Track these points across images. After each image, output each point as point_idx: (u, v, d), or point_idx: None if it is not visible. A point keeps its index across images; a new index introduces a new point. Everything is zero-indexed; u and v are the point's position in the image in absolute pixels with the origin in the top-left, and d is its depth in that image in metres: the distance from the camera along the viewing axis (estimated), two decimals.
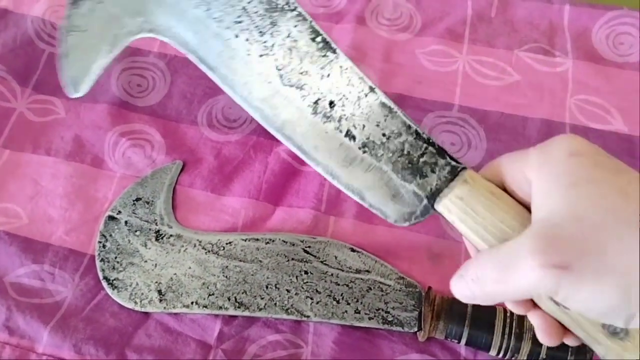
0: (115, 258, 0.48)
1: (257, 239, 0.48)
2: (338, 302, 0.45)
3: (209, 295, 0.46)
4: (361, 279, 0.46)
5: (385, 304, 0.45)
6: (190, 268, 0.47)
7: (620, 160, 0.55)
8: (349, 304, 0.45)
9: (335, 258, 0.47)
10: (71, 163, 0.54)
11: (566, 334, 0.30)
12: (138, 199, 0.51)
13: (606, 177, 0.26)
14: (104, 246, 0.49)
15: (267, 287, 0.46)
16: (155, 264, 0.47)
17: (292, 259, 0.47)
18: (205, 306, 0.45)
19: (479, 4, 0.63)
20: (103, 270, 0.48)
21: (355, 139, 0.34)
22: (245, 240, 0.48)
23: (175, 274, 0.47)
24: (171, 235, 0.49)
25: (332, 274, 0.47)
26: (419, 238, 0.49)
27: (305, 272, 0.47)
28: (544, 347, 0.42)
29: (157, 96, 0.58)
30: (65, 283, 0.48)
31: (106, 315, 0.46)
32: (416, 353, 0.45)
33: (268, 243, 0.48)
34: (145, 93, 0.58)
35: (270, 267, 0.47)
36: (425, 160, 0.33)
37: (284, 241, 0.48)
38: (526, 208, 0.30)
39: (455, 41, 0.61)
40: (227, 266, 0.47)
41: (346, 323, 0.45)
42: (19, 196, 0.52)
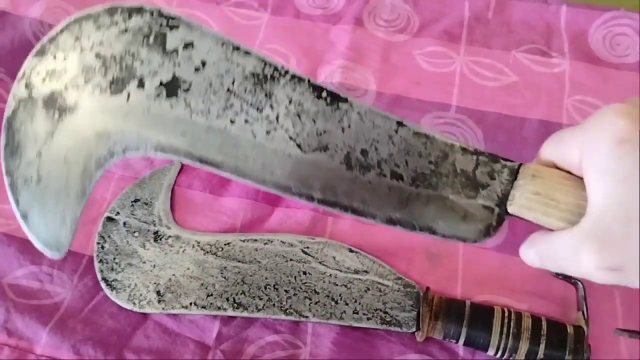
0: (114, 259, 0.48)
1: (256, 240, 0.48)
2: (336, 303, 0.45)
3: (208, 296, 0.46)
4: (359, 280, 0.46)
5: (384, 304, 0.45)
6: (188, 269, 0.47)
7: None
8: (347, 304, 0.45)
9: (334, 259, 0.47)
10: None
11: None
12: (136, 200, 0.51)
13: None
14: (103, 247, 0.49)
15: (266, 288, 0.46)
16: (154, 265, 0.48)
17: (291, 260, 0.47)
18: (204, 307, 0.46)
19: (476, 6, 0.64)
20: (101, 271, 0.48)
21: (403, 178, 0.32)
22: (244, 241, 0.48)
23: (173, 274, 0.47)
24: (169, 236, 0.49)
25: (331, 275, 0.47)
26: (417, 239, 0.49)
27: (304, 273, 0.47)
28: (542, 347, 0.42)
29: None
30: (64, 284, 0.48)
31: (105, 316, 0.46)
32: (414, 353, 0.45)
33: (266, 244, 0.48)
34: None
35: (269, 268, 0.47)
36: (481, 171, 0.32)
37: (283, 242, 0.48)
38: None
39: (452, 42, 0.61)
40: (226, 267, 0.47)
41: (344, 323, 0.45)
42: None
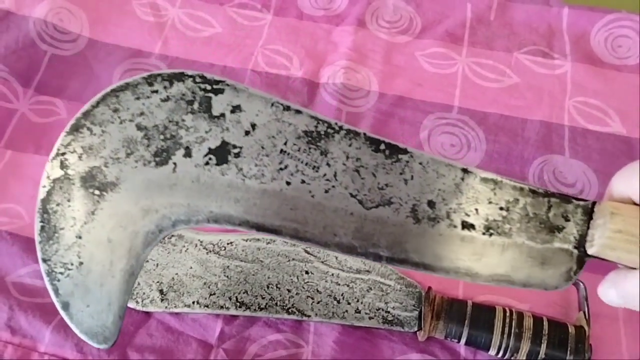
0: None
1: (258, 239, 0.48)
2: (339, 302, 0.46)
3: (210, 295, 0.46)
4: (361, 279, 0.47)
5: (386, 303, 0.46)
6: (191, 268, 0.47)
7: (619, 162, 0.56)
8: (349, 303, 0.46)
9: (336, 258, 0.48)
10: None
11: None
12: None
13: None
14: None
15: (268, 287, 0.46)
16: (157, 264, 0.48)
17: (293, 259, 0.48)
18: (207, 306, 0.46)
19: (478, 7, 0.64)
20: None
21: (474, 227, 0.31)
22: (247, 241, 0.48)
23: (176, 273, 0.47)
24: (172, 236, 0.49)
25: (333, 274, 0.47)
26: None
27: (306, 272, 0.47)
28: (543, 347, 0.42)
29: None
30: None
31: None
32: (416, 352, 0.45)
33: (269, 243, 0.48)
34: None
35: (271, 267, 0.47)
36: (554, 213, 0.31)
37: (285, 241, 0.48)
38: None
39: (454, 43, 0.62)
40: (229, 266, 0.47)
41: (347, 323, 0.45)
42: (21, 197, 0.52)
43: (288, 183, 0.31)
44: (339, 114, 0.57)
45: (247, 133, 0.31)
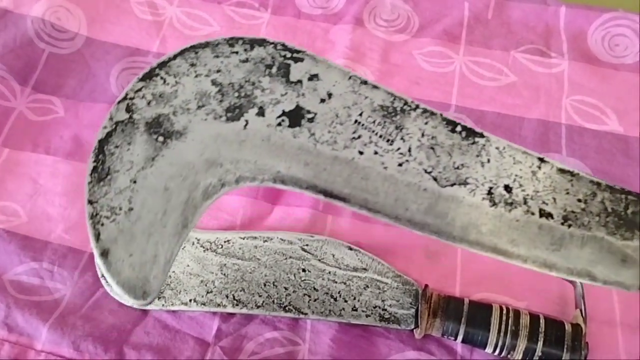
0: None
1: (255, 237, 0.48)
2: (335, 300, 0.46)
3: (207, 292, 0.46)
4: (358, 277, 0.47)
5: (383, 301, 0.46)
6: (188, 266, 0.47)
7: (616, 161, 0.56)
8: (346, 301, 0.46)
9: (333, 256, 0.48)
10: (70, 162, 0.54)
11: None
12: None
13: None
14: None
15: (265, 285, 0.46)
16: None
17: (290, 257, 0.48)
18: (204, 304, 0.46)
19: (475, 6, 0.64)
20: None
21: (552, 216, 0.30)
22: (243, 239, 0.48)
23: (173, 271, 0.47)
24: None
25: (330, 272, 0.47)
26: (415, 236, 0.49)
27: (303, 270, 0.47)
28: (540, 345, 0.42)
29: None
30: (64, 281, 0.48)
31: (105, 312, 0.47)
32: (413, 350, 0.45)
33: (266, 241, 0.48)
34: None
35: (268, 265, 0.47)
36: (632, 211, 0.30)
37: (282, 239, 0.48)
38: None
39: (452, 42, 0.62)
40: (225, 264, 0.47)
41: (343, 321, 0.45)
42: (18, 195, 0.52)
43: (361, 152, 0.31)
44: None
45: (323, 101, 0.31)
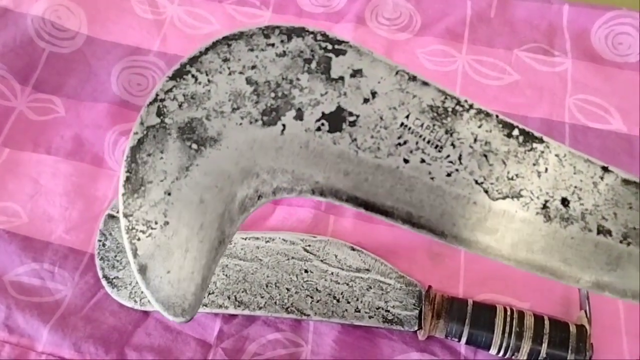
0: (115, 257, 0.48)
1: (257, 238, 0.48)
2: (338, 301, 0.45)
3: (209, 294, 0.46)
4: (361, 278, 0.46)
5: (386, 302, 0.45)
6: None
7: (620, 160, 0.56)
8: (349, 302, 0.45)
9: (336, 257, 0.47)
10: (71, 162, 0.54)
11: None
12: None
13: None
14: (104, 245, 0.49)
15: (267, 286, 0.46)
16: None
17: (292, 258, 0.47)
18: (205, 305, 0.45)
19: (478, 4, 0.64)
20: (103, 268, 0.48)
21: (611, 234, 0.28)
22: (245, 239, 0.48)
23: None
24: None
25: (332, 273, 0.47)
26: (419, 237, 0.49)
27: (305, 271, 0.47)
28: (544, 346, 0.42)
29: None
30: (65, 281, 0.48)
31: (106, 313, 0.46)
32: (416, 352, 0.45)
33: (268, 242, 0.48)
34: (145, 92, 0.58)
35: (270, 266, 0.47)
36: None
37: (284, 240, 0.48)
38: None
39: (455, 41, 0.61)
40: (227, 265, 0.47)
41: (346, 322, 0.45)
42: (19, 195, 0.52)
43: (406, 161, 0.28)
44: None
45: (366, 101, 0.29)
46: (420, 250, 0.49)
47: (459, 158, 0.28)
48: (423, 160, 0.28)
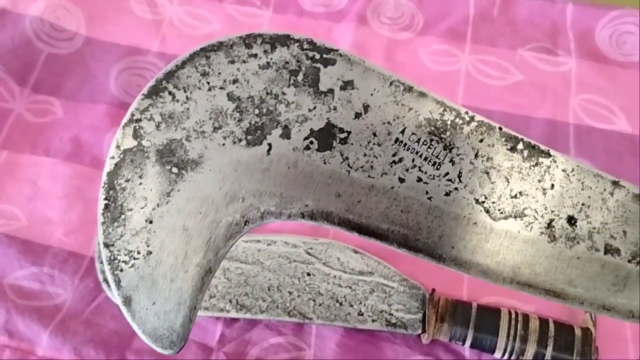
0: None
1: (259, 241, 0.48)
2: (341, 304, 0.45)
3: (210, 297, 0.45)
4: (364, 281, 0.46)
5: (389, 306, 0.45)
6: None
7: (625, 161, 0.55)
8: (351, 306, 0.45)
9: (338, 260, 0.47)
10: (70, 164, 0.53)
11: None
12: None
13: None
14: None
15: (269, 289, 0.46)
16: None
17: (294, 261, 0.47)
18: (207, 308, 0.45)
19: (481, 4, 0.63)
20: (103, 272, 0.47)
21: (619, 253, 0.26)
22: (247, 242, 0.48)
23: None
24: None
25: (335, 276, 0.46)
26: None
27: (308, 274, 0.46)
28: (549, 349, 0.41)
29: None
30: (65, 285, 0.47)
31: (106, 317, 0.46)
32: (420, 355, 0.44)
33: (270, 245, 0.48)
34: None
35: (272, 269, 0.46)
36: None
37: (286, 243, 0.48)
38: None
39: (457, 40, 0.61)
40: (229, 268, 0.46)
41: (349, 325, 0.44)
42: (18, 198, 0.52)
43: (401, 180, 0.27)
44: None
45: (358, 115, 0.27)
46: None
47: (459, 176, 0.27)
48: (420, 179, 0.27)
